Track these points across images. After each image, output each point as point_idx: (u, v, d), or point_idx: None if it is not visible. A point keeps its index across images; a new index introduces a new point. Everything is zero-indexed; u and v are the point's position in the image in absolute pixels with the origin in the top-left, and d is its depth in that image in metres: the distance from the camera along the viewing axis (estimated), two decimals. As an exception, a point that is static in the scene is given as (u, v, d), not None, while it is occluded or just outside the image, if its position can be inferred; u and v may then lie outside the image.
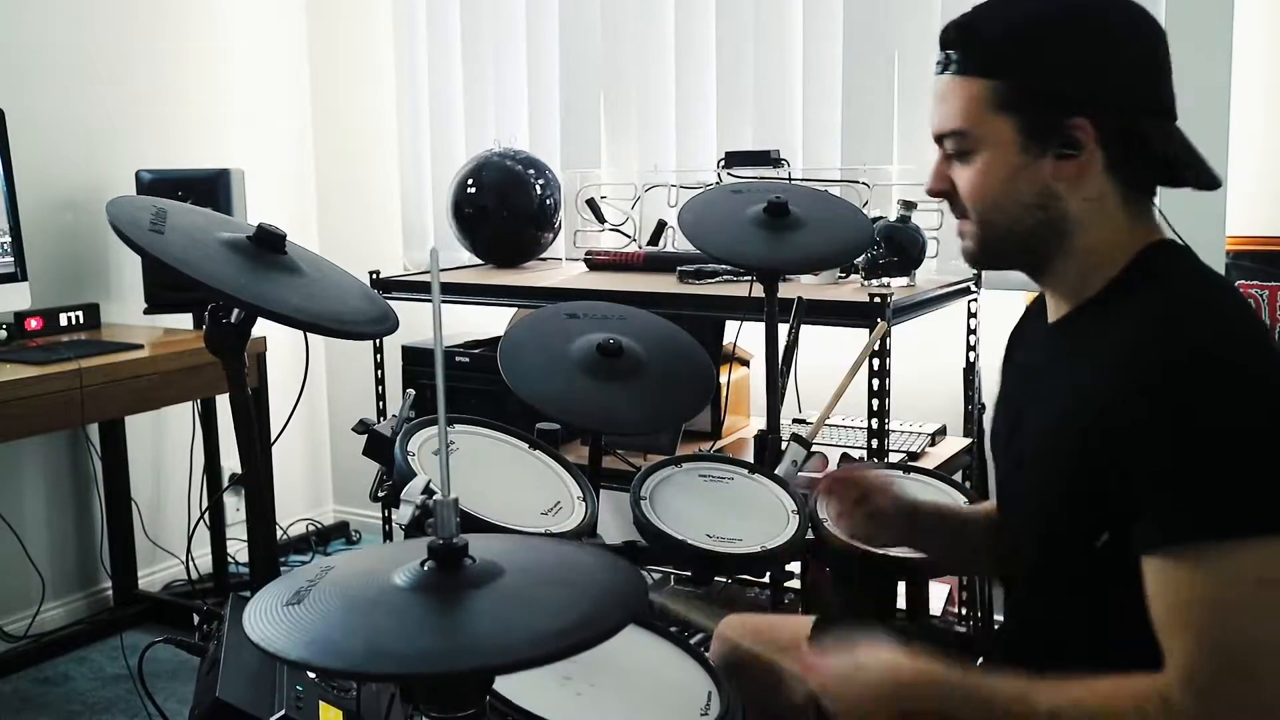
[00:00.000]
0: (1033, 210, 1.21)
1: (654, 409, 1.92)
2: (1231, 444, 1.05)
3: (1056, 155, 1.18)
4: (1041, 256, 1.24)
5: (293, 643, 0.88)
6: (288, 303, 1.47)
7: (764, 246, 2.09)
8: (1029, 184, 1.20)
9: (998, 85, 1.19)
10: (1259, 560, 1.03)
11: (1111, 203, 1.20)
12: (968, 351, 2.91)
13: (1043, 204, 1.20)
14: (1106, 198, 1.20)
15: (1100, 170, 1.19)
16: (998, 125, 1.20)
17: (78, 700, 2.83)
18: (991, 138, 1.20)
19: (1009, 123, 1.19)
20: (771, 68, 3.09)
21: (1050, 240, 1.22)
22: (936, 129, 1.26)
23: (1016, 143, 1.19)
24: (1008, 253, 1.27)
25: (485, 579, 0.95)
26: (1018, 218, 1.22)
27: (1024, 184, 1.20)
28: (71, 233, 3.18)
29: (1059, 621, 1.26)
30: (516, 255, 3.26)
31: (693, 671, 1.40)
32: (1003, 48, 1.20)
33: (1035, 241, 1.23)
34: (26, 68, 3.07)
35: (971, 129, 1.21)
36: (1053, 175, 1.19)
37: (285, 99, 3.84)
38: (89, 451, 3.24)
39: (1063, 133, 1.18)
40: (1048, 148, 1.18)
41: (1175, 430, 1.06)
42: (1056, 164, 1.19)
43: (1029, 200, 1.21)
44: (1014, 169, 1.20)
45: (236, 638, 1.33)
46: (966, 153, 1.23)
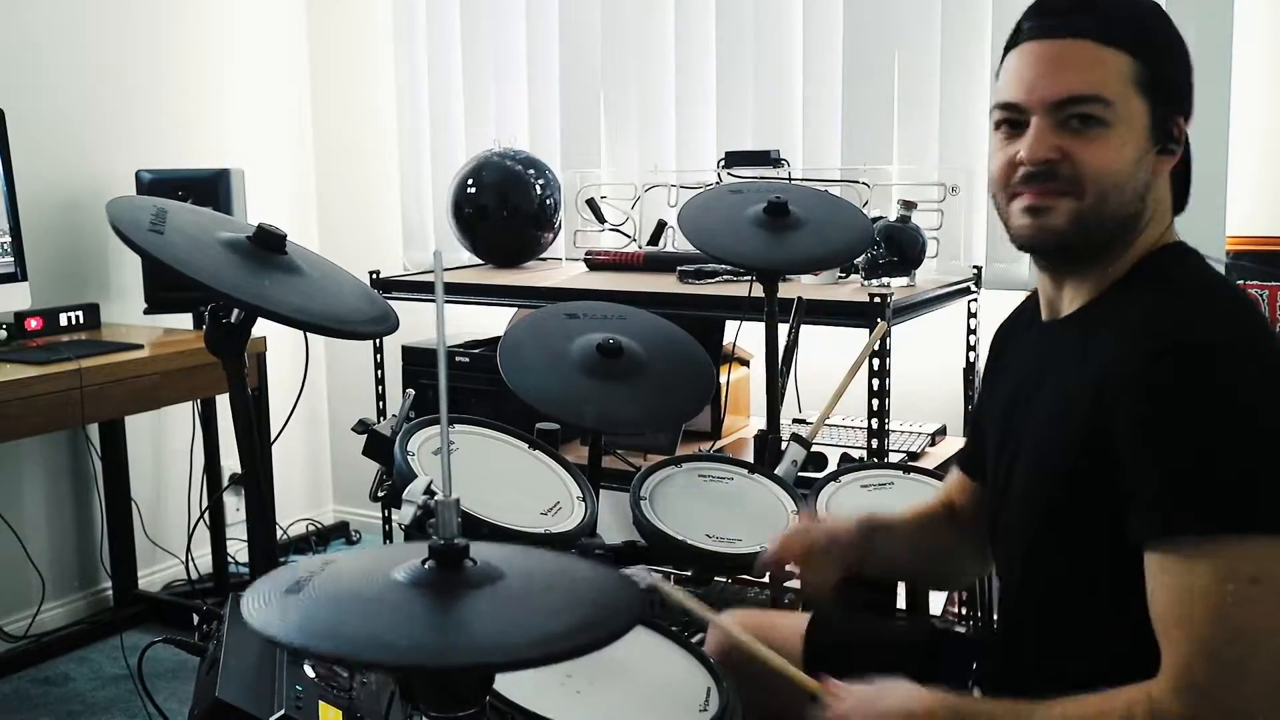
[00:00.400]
0: (1136, 200, 1.19)
1: (654, 409, 1.92)
2: (1233, 440, 1.05)
3: (1160, 149, 1.19)
4: (1115, 244, 1.21)
5: (289, 627, 0.88)
6: (288, 303, 1.47)
7: (764, 246, 2.09)
8: (1145, 171, 1.19)
9: (1134, 63, 1.16)
10: (1255, 557, 1.04)
11: (1166, 205, 1.22)
12: (968, 351, 2.91)
13: (1143, 195, 1.19)
14: (1166, 200, 1.22)
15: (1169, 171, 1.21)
16: (1136, 104, 1.17)
17: (78, 700, 2.82)
18: (1129, 115, 1.17)
19: (1145, 105, 1.17)
20: (771, 68, 3.09)
21: (1129, 230, 1.20)
22: (1065, 91, 1.17)
23: (1147, 127, 1.18)
24: (1097, 235, 1.20)
25: (485, 580, 0.95)
26: (1127, 203, 1.19)
27: (1143, 170, 1.19)
28: (71, 233, 3.18)
29: (1053, 614, 1.26)
30: (516, 255, 3.26)
31: (691, 669, 1.40)
32: (1136, 26, 1.19)
33: (1124, 230, 1.20)
34: (26, 68, 3.07)
35: (1117, 100, 1.16)
36: (1153, 168, 1.19)
37: (285, 99, 3.84)
38: (89, 451, 3.24)
39: (1171, 128, 1.19)
40: (1160, 139, 1.19)
41: (1177, 424, 1.06)
42: (1159, 158, 1.19)
43: (1140, 187, 1.19)
44: (1140, 153, 1.18)
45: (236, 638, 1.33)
46: (1097, 124, 1.16)
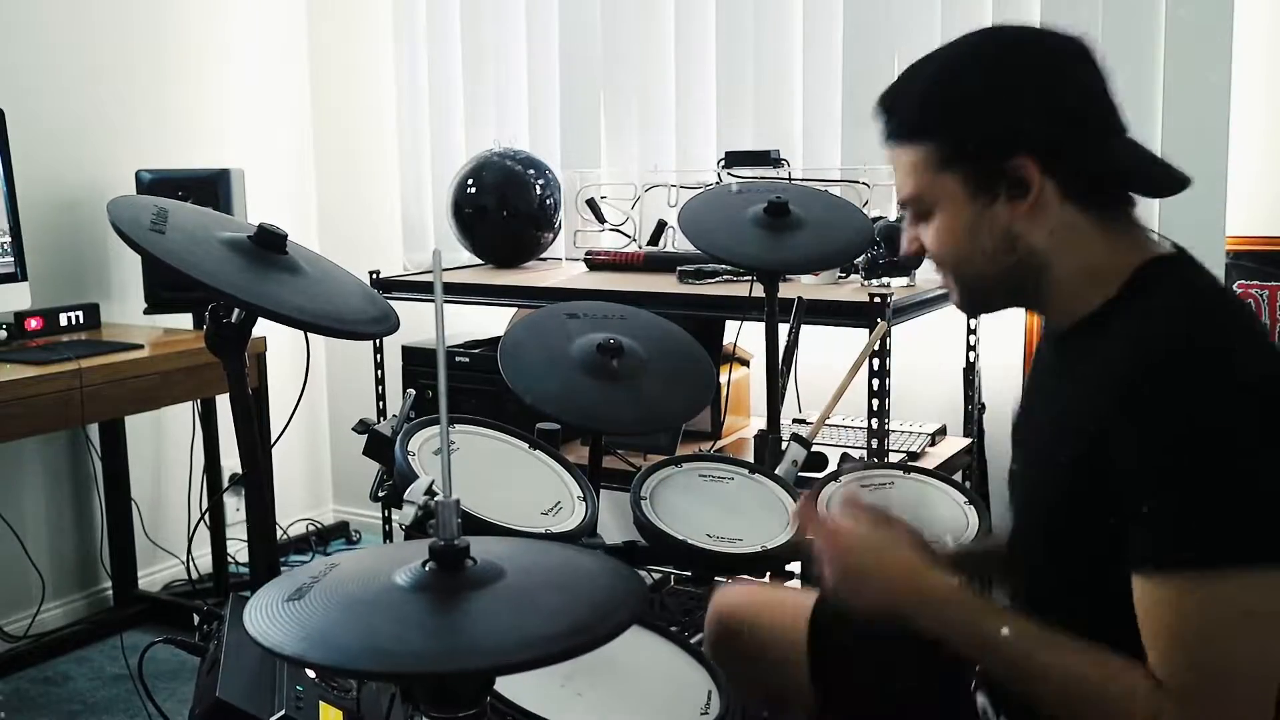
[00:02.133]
0: (1000, 256, 1.21)
1: (654, 409, 1.92)
2: (1227, 471, 1.04)
3: (1008, 198, 1.18)
4: (1025, 294, 1.25)
5: (290, 638, 0.88)
6: (288, 303, 1.47)
7: (764, 246, 2.09)
8: (989, 232, 1.20)
9: (932, 146, 1.20)
10: (1247, 590, 1.04)
11: (1083, 226, 1.20)
12: (968, 351, 2.91)
13: (1009, 247, 1.20)
14: (1075, 224, 1.19)
15: (1057, 200, 1.18)
16: (944, 183, 1.21)
17: (78, 700, 2.82)
18: (942, 197, 1.21)
19: (954, 179, 1.20)
20: (771, 68, 3.09)
21: (1027, 278, 1.22)
22: (897, 195, 1.28)
23: (966, 196, 1.20)
24: (991, 298, 1.29)
25: (486, 580, 0.95)
26: (987, 266, 1.22)
27: (984, 233, 1.21)
28: (71, 233, 3.18)
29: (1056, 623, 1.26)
30: (516, 255, 3.26)
31: (693, 671, 1.40)
32: (927, 108, 1.22)
33: (1013, 283, 1.24)
34: (26, 68, 3.07)
35: (921, 192, 1.23)
36: (1009, 218, 1.19)
37: (285, 99, 3.84)
38: (89, 451, 3.24)
39: (1007, 175, 1.18)
40: (997, 193, 1.19)
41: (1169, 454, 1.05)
42: (1011, 206, 1.19)
43: (993, 247, 1.21)
44: (971, 221, 1.21)
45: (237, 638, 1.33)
46: (925, 214, 1.24)
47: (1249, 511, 1.04)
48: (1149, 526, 1.07)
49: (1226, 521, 1.04)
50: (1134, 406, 1.07)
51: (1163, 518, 1.06)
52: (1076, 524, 1.16)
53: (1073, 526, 1.16)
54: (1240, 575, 1.04)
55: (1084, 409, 1.14)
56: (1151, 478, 1.06)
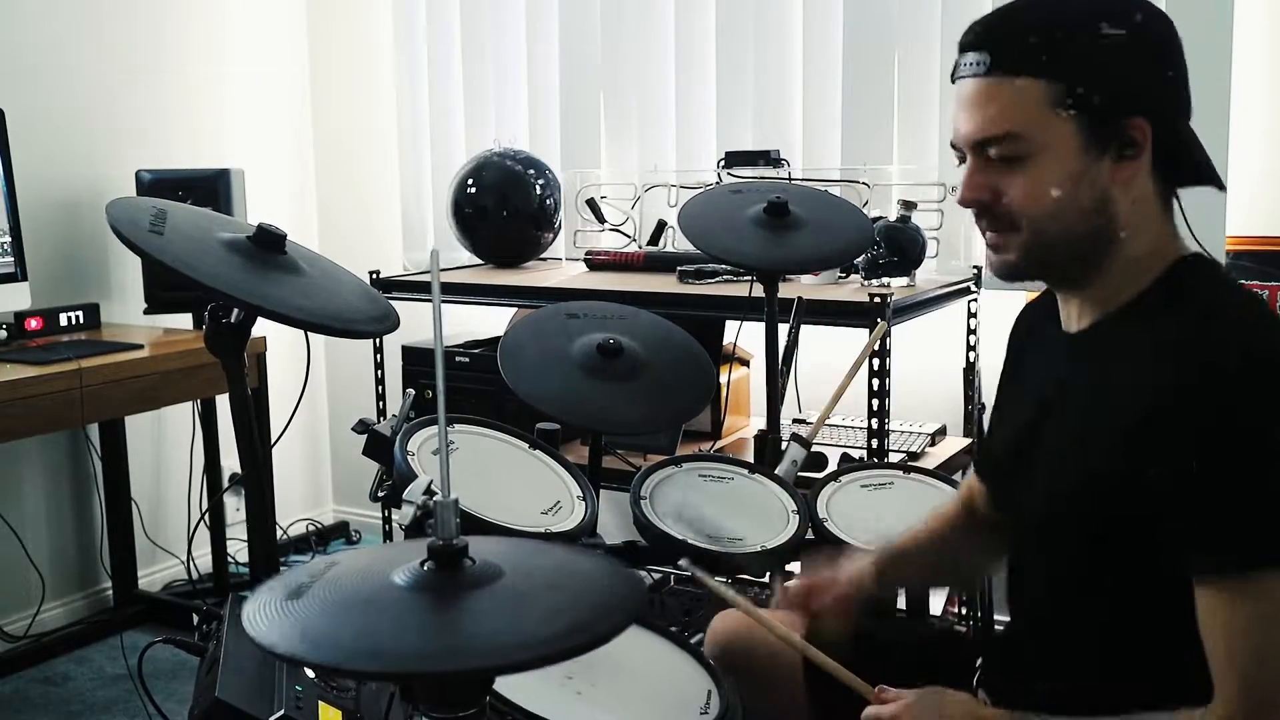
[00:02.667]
0: (1090, 216, 1.16)
1: (654, 409, 1.92)
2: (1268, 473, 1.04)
3: (1115, 157, 1.15)
4: (1088, 265, 1.19)
5: (287, 637, 0.88)
6: (288, 303, 1.47)
7: (764, 246, 2.09)
8: (1090, 188, 1.15)
9: (1050, 85, 1.14)
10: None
11: (1154, 206, 1.18)
12: (968, 351, 2.91)
13: (1100, 209, 1.16)
14: (1150, 201, 1.18)
15: (1148, 171, 1.16)
16: (1058, 127, 1.14)
17: (78, 700, 2.82)
18: (1051, 141, 1.14)
19: (1069, 124, 1.14)
20: (771, 68, 3.09)
21: (1101, 248, 1.18)
22: (978, 133, 1.18)
23: (1079, 145, 1.14)
24: (1056, 263, 1.21)
25: (484, 580, 0.95)
26: (1074, 225, 1.16)
27: (1085, 188, 1.15)
28: (71, 233, 3.18)
29: (1072, 623, 1.25)
30: (516, 255, 3.26)
31: (692, 671, 1.40)
32: (1047, 45, 1.14)
33: (1088, 250, 1.18)
34: (26, 68, 3.07)
35: (1029, 132, 1.15)
36: (1110, 178, 1.15)
37: (285, 99, 3.84)
38: (89, 451, 3.24)
39: (1123, 133, 1.14)
40: (1107, 149, 1.14)
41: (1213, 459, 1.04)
42: (1115, 166, 1.15)
43: (1088, 205, 1.16)
44: (1076, 172, 1.15)
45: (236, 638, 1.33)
46: (1019, 158, 1.16)
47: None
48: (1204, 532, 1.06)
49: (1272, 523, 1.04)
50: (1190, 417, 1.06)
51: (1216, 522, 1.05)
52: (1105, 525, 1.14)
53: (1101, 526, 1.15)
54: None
55: (1130, 412, 1.11)
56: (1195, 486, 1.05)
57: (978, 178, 1.19)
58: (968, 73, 1.18)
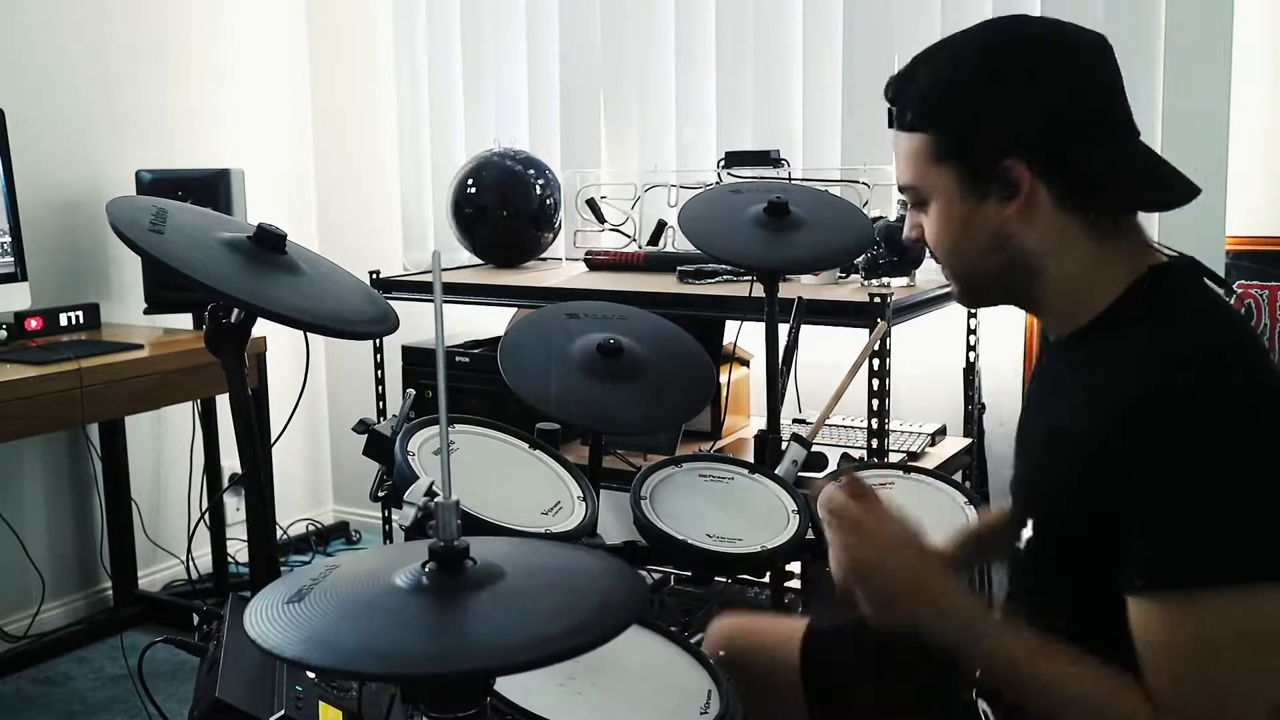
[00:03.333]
0: (992, 252, 1.21)
1: (654, 409, 1.92)
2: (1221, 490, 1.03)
3: (999, 198, 1.18)
4: (1020, 292, 1.25)
5: (288, 640, 0.88)
6: (288, 303, 1.47)
7: (764, 246, 2.09)
8: (980, 229, 1.21)
9: (933, 138, 1.21)
10: (1241, 609, 1.03)
11: (1075, 232, 1.18)
12: (968, 351, 2.91)
13: (999, 245, 1.20)
14: (1068, 229, 1.18)
15: (1050, 204, 1.17)
16: (938, 176, 1.21)
17: (78, 700, 2.82)
18: (937, 188, 1.22)
19: (948, 172, 1.20)
20: (771, 68, 3.09)
21: (1021, 277, 1.22)
22: (897, 183, 1.29)
23: (959, 191, 1.20)
24: (986, 292, 1.30)
25: (486, 581, 0.95)
26: (980, 261, 1.23)
27: (975, 229, 1.21)
28: (71, 233, 3.18)
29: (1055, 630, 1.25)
30: (516, 255, 3.26)
31: (692, 671, 1.40)
32: (929, 100, 1.21)
33: (1007, 279, 1.23)
34: (26, 68, 3.07)
35: (918, 182, 1.24)
36: (999, 217, 1.19)
37: (285, 99, 3.84)
38: (89, 451, 3.24)
39: (998, 175, 1.17)
40: (989, 192, 1.19)
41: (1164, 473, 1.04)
42: (1000, 206, 1.18)
43: (984, 244, 1.21)
44: (962, 216, 1.21)
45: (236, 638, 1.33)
46: (921, 203, 1.25)
47: (1244, 530, 1.03)
48: (1145, 546, 1.06)
49: (1222, 540, 1.03)
50: (1134, 424, 1.06)
51: (1158, 538, 1.05)
52: (1075, 536, 1.15)
53: (1072, 538, 1.16)
54: (1235, 594, 1.03)
55: (1083, 422, 1.13)
56: (1149, 497, 1.05)
57: (910, 218, 1.30)
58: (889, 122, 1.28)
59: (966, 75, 1.20)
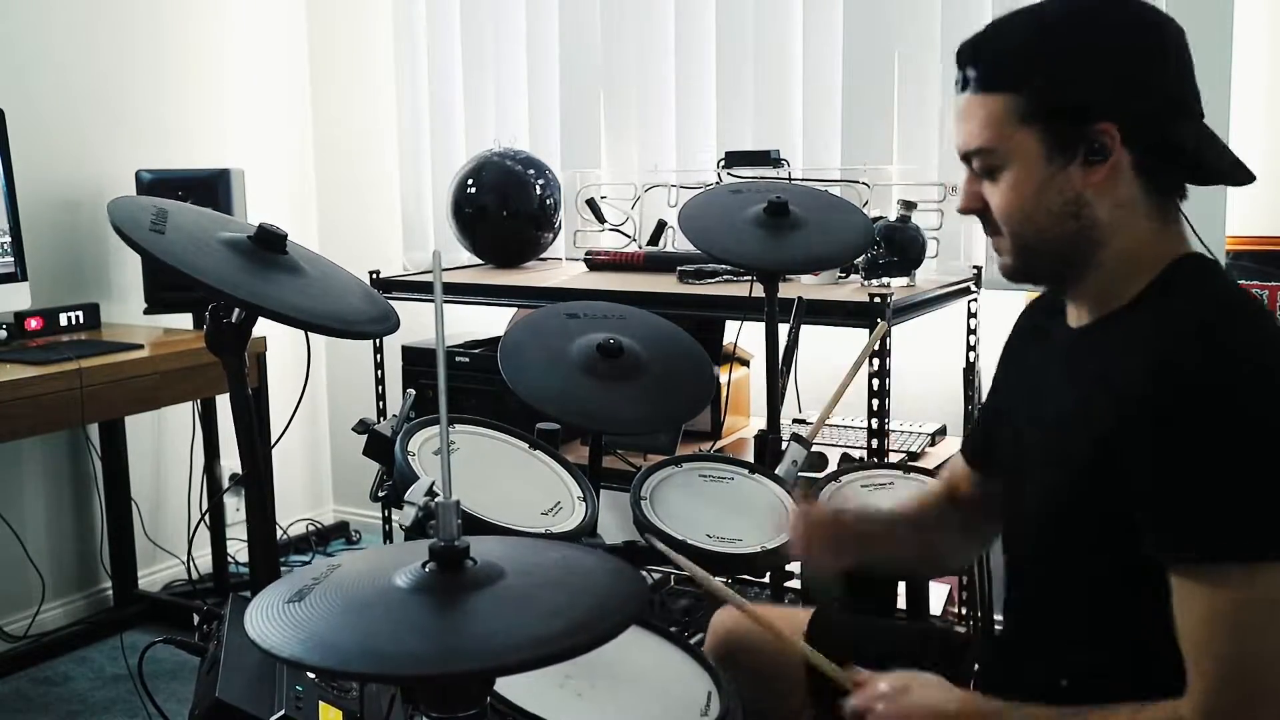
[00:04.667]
0: (1064, 220, 1.20)
1: (654, 409, 1.92)
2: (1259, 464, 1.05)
3: (1084, 162, 1.17)
4: (1076, 267, 1.23)
5: (288, 640, 0.88)
6: (288, 303, 1.47)
7: (764, 246, 2.09)
8: (1058, 194, 1.19)
9: (1017, 99, 1.18)
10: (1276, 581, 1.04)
11: (1141, 207, 1.20)
12: (968, 351, 2.91)
13: (1074, 213, 1.19)
14: (1136, 202, 1.19)
15: (1129, 173, 1.18)
16: (1022, 138, 1.19)
17: (78, 700, 2.82)
18: (1017, 151, 1.20)
19: (1033, 135, 1.19)
20: (771, 68, 3.09)
21: (1084, 249, 1.21)
22: (962, 148, 1.25)
23: (1042, 154, 1.19)
24: (1043, 265, 1.26)
25: (486, 580, 0.95)
26: (1049, 229, 1.21)
27: (1053, 194, 1.19)
28: (71, 233, 3.18)
29: (1059, 621, 1.26)
30: (516, 255, 3.26)
31: (693, 671, 1.40)
32: (1018, 60, 1.19)
33: (1069, 252, 1.22)
34: (26, 68, 3.07)
35: (996, 145, 1.20)
36: (1082, 183, 1.18)
37: (285, 99, 3.84)
38: (89, 451, 3.24)
39: (1088, 139, 1.17)
40: (1074, 155, 1.18)
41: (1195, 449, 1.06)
42: (1085, 171, 1.18)
43: (1059, 210, 1.20)
44: (1042, 180, 1.19)
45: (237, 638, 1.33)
46: (994, 169, 1.22)
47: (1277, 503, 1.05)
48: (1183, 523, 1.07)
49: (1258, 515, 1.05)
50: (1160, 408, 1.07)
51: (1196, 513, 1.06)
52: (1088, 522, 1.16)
53: (1088, 522, 1.16)
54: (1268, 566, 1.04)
55: (1103, 407, 1.13)
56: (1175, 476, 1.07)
57: (970, 188, 1.27)
58: (957, 88, 1.25)
59: (1054, 37, 1.19)
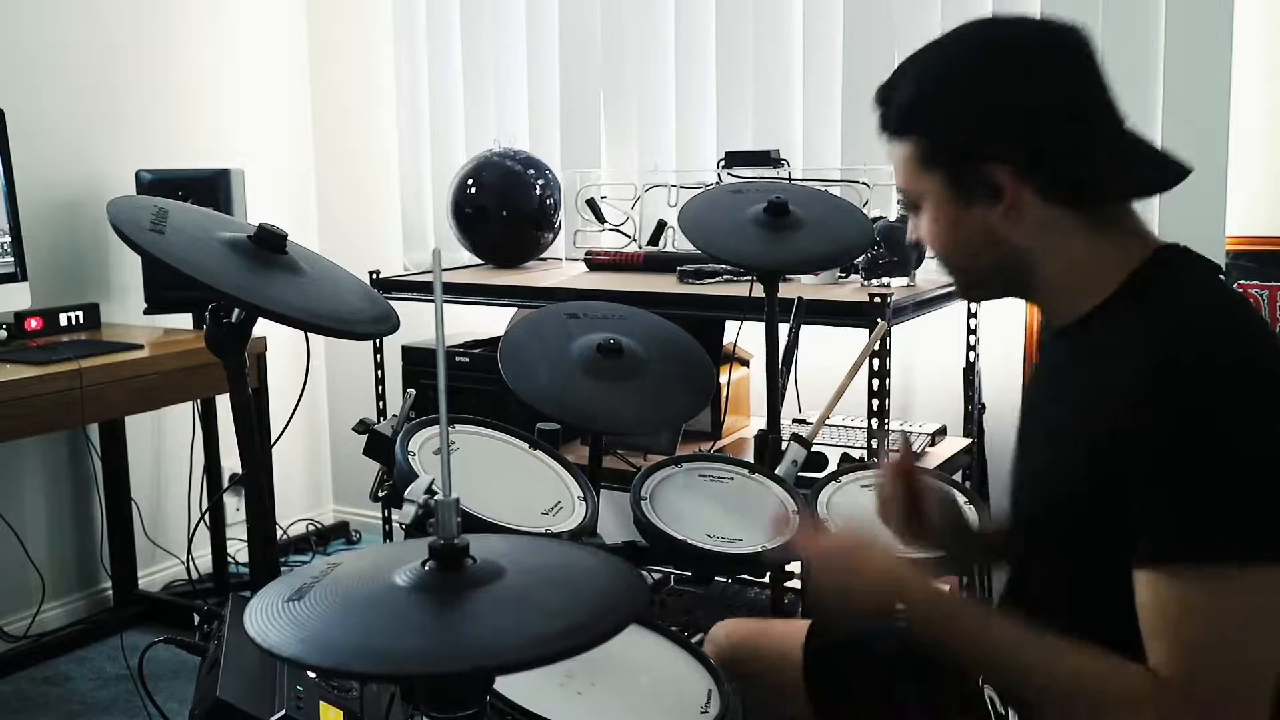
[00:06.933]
0: (983, 251, 1.22)
1: (654, 409, 1.92)
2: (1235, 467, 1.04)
3: (985, 201, 1.19)
4: (1019, 287, 1.26)
5: (289, 639, 0.88)
6: (288, 303, 1.47)
7: (764, 246, 2.09)
8: (969, 231, 1.22)
9: (919, 144, 1.22)
10: (1252, 586, 1.04)
11: (1067, 226, 1.19)
12: (968, 351, 2.91)
13: (991, 244, 1.21)
14: (1059, 223, 1.18)
15: (1038, 202, 1.18)
16: (928, 181, 1.22)
17: (78, 700, 2.82)
18: (927, 194, 1.23)
19: (935, 179, 1.21)
20: (771, 68, 3.09)
21: (1015, 274, 1.23)
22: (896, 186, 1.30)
23: (946, 195, 1.21)
24: (986, 287, 1.31)
25: (486, 579, 0.95)
26: (973, 261, 1.24)
27: (965, 232, 1.22)
28: (71, 233, 3.18)
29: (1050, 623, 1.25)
30: (516, 255, 3.26)
31: (693, 670, 1.40)
32: (911, 107, 1.22)
33: (1004, 277, 1.25)
34: (26, 68, 3.07)
35: (908, 188, 1.25)
36: (989, 219, 1.19)
37: (285, 99, 3.84)
38: (89, 451, 3.24)
39: (983, 179, 1.18)
40: (975, 195, 1.19)
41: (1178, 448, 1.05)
42: (987, 208, 1.19)
43: (977, 245, 1.22)
44: (952, 219, 1.22)
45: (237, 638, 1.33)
46: (915, 207, 1.26)
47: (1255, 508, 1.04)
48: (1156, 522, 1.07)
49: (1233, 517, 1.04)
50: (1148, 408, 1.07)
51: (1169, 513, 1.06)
52: (1084, 522, 1.15)
53: (1079, 524, 1.16)
54: (1246, 571, 1.04)
55: (1092, 409, 1.13)
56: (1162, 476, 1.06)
57: (910, 222, 1.30)
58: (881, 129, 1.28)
59: (942, 82, 1.22)
